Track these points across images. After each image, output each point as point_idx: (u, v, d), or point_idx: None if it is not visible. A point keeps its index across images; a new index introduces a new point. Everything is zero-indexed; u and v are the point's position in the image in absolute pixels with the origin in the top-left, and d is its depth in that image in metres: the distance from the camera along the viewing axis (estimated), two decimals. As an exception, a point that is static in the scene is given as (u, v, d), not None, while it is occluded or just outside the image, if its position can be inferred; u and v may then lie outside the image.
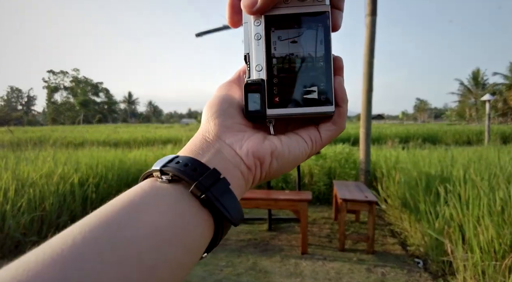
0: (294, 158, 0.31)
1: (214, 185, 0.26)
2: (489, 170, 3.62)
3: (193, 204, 0.25)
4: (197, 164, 0.27)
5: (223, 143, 0.30)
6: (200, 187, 0.25)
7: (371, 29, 4.61)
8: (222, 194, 0.26)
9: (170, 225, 0.23)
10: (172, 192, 0.25)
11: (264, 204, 3.14)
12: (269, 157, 0.30)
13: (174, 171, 0.26)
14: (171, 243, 0.23)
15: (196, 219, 0.25)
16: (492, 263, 2.28)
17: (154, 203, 0.24)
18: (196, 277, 2.61)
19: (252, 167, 0.30)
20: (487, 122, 11.54)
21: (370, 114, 4.78)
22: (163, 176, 0.26)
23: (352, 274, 2.69)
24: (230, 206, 0.26)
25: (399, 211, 3.78)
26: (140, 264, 0.21)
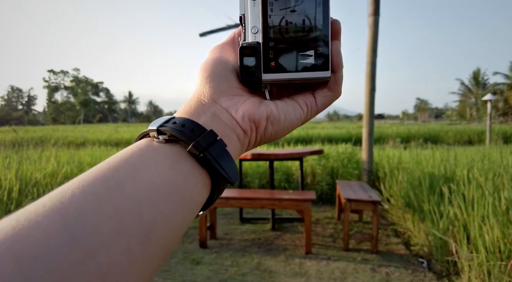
0: (289, 123, 0.32)
1: (211, 146, 0.26)
2: (493, 170, 3.61)
3: (191, 164, 0.25)
4: (194, 125, 0.27)
5: (219, 106, 0.30)
6: (198, 147, 0.25)
7: (374, 29, 4.60)
8: (219, 155, 0.26)
9: (169, 183, 0.23)
10: (170, 152, 0.25)
11: (268, 204, 3.14)
12: (265, 121, 0.30)
13: (171, 131, 0.26)
14: (170, 200, 0.23)
15: (194, 178, 0.25)
16: (497, 263, 2.28)
17: (152, 161, 0.24)
18: (201, 277, 2.61)
19: (247, 131, 0.30)
20: (488, 122, 11.52)
21: (373, 114, 4.78)
22: (160, 136, 0.26)
23: (357, 274, 2.69)
24: (227, 167, 0.27)
25: (402, 211, 3.78)
26: (140, 218, 0.20)
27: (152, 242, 0.21)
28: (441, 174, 3.81)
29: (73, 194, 0.20)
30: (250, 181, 5.20)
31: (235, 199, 3.17)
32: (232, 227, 3.82)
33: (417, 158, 4.87)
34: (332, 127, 25.09)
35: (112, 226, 0.19)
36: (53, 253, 0.16)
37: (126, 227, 0.19)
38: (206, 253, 3.06)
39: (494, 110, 46.02)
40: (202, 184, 0.26)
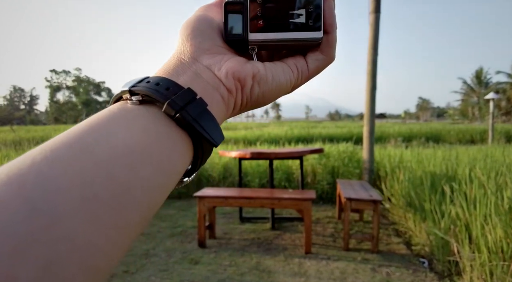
0: (277, 85, 0.29)
1: (189, 105, 0.24)
2: (495, 169, 3.57)
3: (168, 125, 0.23)
4: (170, 83, 0.24)
5: (200, 64, 0.27)
6: (173, 106, 0.23)
7: (375, 27, 4.56)
8: (199, 114, 0.24)
9: (143, 145, 0.21)
10: (144, 113, 0.23)
11: (267, 203, 3.11)
12: (251, 80, 0.28)
13: (144, 90, 0.24)
14: (145, 163, 0.21)
15: (172, 140, 0.23)
16: (500, 263, 2.24)
17: (124, 123, 0.22)
18: (199, 277, 2.58)
19: (232, 89, 0.28)
20: (490, 121, 11.45)
21: (373, 113, 4.74)
22: (133, 97, 0.24)
23: (357, 274, 2.65)
24: (209, 127, 0.24)
25: (404, 210, 3.74)
26: (111, 183, 0.19)
27: (126, 208, 0.19)
28: (443, 173, 3.77)
29: (33, 160, 0.18)
30: (250, 180, 5.17)
31: (235, 198, 3.14)
32: (232, 226, 3.79)
33: (419, 157, 4.83)
34: (333, 126, 25.02)
35: (78, 192, 0.17)
36: (11, 224, 0.15)
37: (94, 192, 0.18)
38: (205, 253, 3.04)
39: (496, 109, 45.82)
40: (182, 147, 0.24)
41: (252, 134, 15.63)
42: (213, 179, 5.34)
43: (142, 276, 2.61)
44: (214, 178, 5.34)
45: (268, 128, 24.14)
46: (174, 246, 3.22)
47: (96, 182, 0.18)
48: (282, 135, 14.35)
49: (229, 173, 5.42)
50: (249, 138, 13.64)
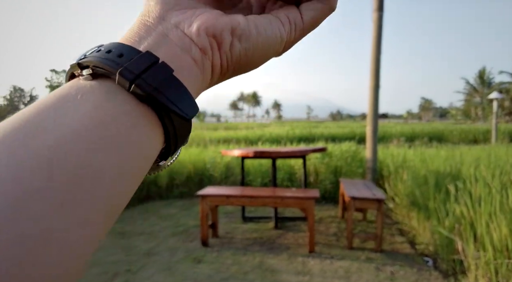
0: (264, 40, 0.24)
1: (147, 71, 0.20)
2: (499, 167, 3.55)
3: (126, 99, 0.19)
4: (124, 49, 0.20)
5: (168, 23, 0.23)
6: (126, 75, 0.19)
7: (378, 25, 4.55)
8: (162, 82, 0.20)
9: (94, 127, 0.18)
10: (96, 89, 0.19)
11: (270, 202, 3.09)
12: (229, 35, 0.23)
13: (93, 60, 0.20)
14: (97, 148, 0.18)
15: (132, 118, 0.19)
16: (505, 262, 2.22)
17: (72, 104, 0.18)
18: (202, 275, 2.57)
19: (207, 49, 0.23)
20: (494, 121, 11.39)
21: (377, 112, 4.72)
22: (83, 71, 0.20)
23: (361, 272, 2.63)
24: (177, 96, 0.20)
25: (407, 209, 3.72)
26: (51, 179, 0.16)
27: (74, 205, 0.16)
28: (447, 172, 3.75)
29: None
30: (252, 179, 5.16)
31: (237, 197, 3.12)
32: (234, 225, 3.78)
33: (422, 156, 4.81)
34: (335, 126, 24.98)
35: (11, 192, 0.15)
36: None
37: (33, 191, 0.15)
38: (207, 252, 3.02)
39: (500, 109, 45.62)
40: (146, 126, 0.20)
41: (254, 134, 15.61)
42: (215, 179, 5.32)
43: (144, 275, 2.60)
44: (216, 177, 5.33)
45: (269, 128, 24.14)
46: (176, 245, 3.21)
47: (34, 180, 0.15)
48: (283, 135, 14.33)
49: (231, 173, 5.41)
50: (251, 138, 13.62)
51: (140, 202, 4.93)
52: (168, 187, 5.23)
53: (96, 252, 2.96)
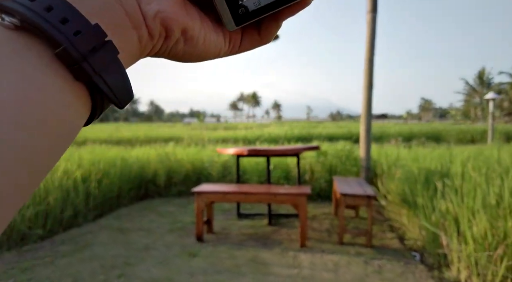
0: (204, 50, 0.25)
1: (94, 53, 0.18)
2: (487, 166, 3.65)
3: (60, 74, 0.17)
4: (70, 13, 0.17)
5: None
6: (72, 52, 0.17)
7: (372, 26, 4.66)
8: (105, 66, 0.18)
9: (20, 99, 0.16)
10: (24, 49, 0.16)
11: (264, 198, 3.20)
12: (178, 33, 0.23)
13: (26, 14, 0.16)
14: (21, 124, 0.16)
15: (65, 97, 0.18)
16: (485, 254, 2.33)
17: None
18: (198, 269, 2.68)
19: (155, 35, 0.22)
20: (490, 121, 11.50)
21: (370, 111, 4.82)
22: (5, 16, 0.17)
23: (350, 266, 2.74)
24: (117, 83, 0.19)
25: (398, 207, 3.82)
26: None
27: None
28: (437, 170, 3.85)
29: None
30: (248, 178, 5.27)
31: (233, 194, 3.23)
32: (230, 222, 3.89)
33: (415, 156, 4.91)
34: (334, 127, 25.07)
35: None
36: None
37: None
38: (202, 247, 3.13)
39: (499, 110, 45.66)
40: (78, 104, 0.19)
41: (252, 134, 15.73)
42: (213, 177, 5.44)
43: (142, 268, 2.71)
44: (214, 176, 5.44)
45: (269, 128, 24.24)
46: (173, 240, 3.32)
47: None
48: (282, 135, 14.43)
49: (228, 171, 5.52)
50: (249, 138, 13.74)
51: (139, 200, 5.05)
52: (166, 186, 5.35)
53: (95, 247, 3.08)
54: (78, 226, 3.74)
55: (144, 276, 2.56)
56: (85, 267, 2.72)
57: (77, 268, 2.69)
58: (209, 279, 2.52)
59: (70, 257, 2.91)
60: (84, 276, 2.56)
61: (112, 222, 3.94)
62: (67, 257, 2.90)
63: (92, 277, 2.55)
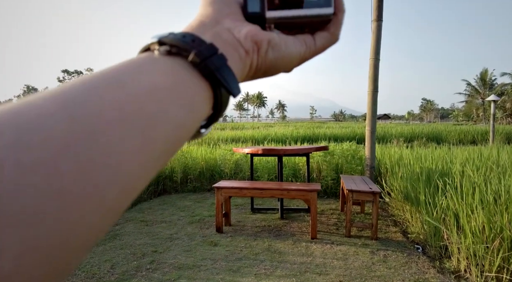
0: (288, 54, 0.32)
1: (212, 56, 0.25)
2: (486, 165, 3.91)
3: (193, 73, 0.25)
4: (194, 37, 0.26)
5: (221, 26, 0.29)
6: (199, 55, 0.24)
7: (377, 34, 4.91)
8: (220, 66, 0.25)
9: (169, 86, 0.22)
10: (171, 61, 0.24)
11: (277, 194, 3.48)
12: (266, 44, 0.30)
13: (172, 40, 0.25)
14: (171, 100, 0.22)
15: (196, 86, 0.24)
16: (482, 246, 2.58)
17: (153, 67, 0.23)
18: (219, 255, 2.96)
19: (249, 50, 0.29)
20: (491, 122, 11.72)
21: (375, 114, 5.09)
22: (161, 47, 0.25)
23: (357, 255, 3.02)
24: (229, 79, 0.26)
25: (402, 203, 4.09)
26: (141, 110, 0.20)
27: (153, 135, 0.20)
28: (438, 169, 4.11)
29: (73, 84, 0.19)
30: (259, 175, 5.56)
31: (248, 189, 3.51)
32: (244, 216, 4.18)
33: (417, 155, 5.17)
34: (338, 127, 25.29)
35: (112, 113, 0.18)
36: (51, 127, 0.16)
37: (126, 115, 0.19)
38: (222, 237, 3.42)
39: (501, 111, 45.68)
40: (204, 94, 0.25)
41: (259, 133, 16.01)
42: (225, 174, 5.73)
43: (169, 255, 3.00)
44: (226, 173, 5.74)
45: (274, 128, 24.51)
46: (194, 231, 3.61)
47: (127, 107, 0.19)
48: (288, 135, 14.69)
49: (239, 169, 5.82)
50: (257, 138, 14.02)
51: (158, 195, 5.37)
52: (183, 182, 5.66)
53: (124, 237, 3.37)
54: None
55: (173, 262, 2.85)
56: (119, 254, 3.01)
57: (112, 255, 2.99)
58: (231, 264, 2.80)
59: (104, 245, 3.21)
60: (120, 262, 2.85)
61: (136, 215, 4.24)
62: (101, 245, 3.19)
63: (126, 262, 2.84)
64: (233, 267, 2.75)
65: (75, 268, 0.17)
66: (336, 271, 2.69)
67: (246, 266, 2.77)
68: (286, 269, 2.71)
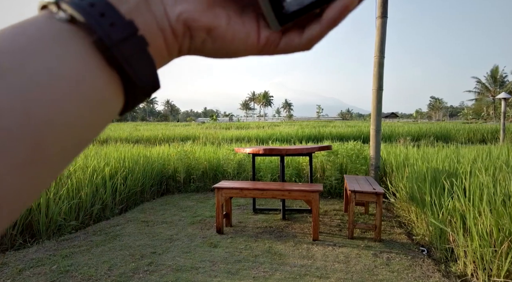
0: (234, 48, 0.25)
1: (126, 41, 0.20)
2: (494, 165, 3.79)
3: (97, 58, 0.20)
4: (108, 9, 0.20)
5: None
6: (105, 40, 0.20)
7: (382, 31, 4.81)
8: (134, 55, 0.21)
9: (69, 76, 0.18)
10: (71, 37, 0.19)
11: (279, 194, 3.42)
12: (203, 33, 0.24)
13: (74, 8, 0.20)
14: (70, 96, 0.18)
15: (103, 77, 0.20)
16: (490, 249, 2.49)
17: (48, 46, 0.18)
18: (218, 258, 2.92)
19: (179, 36, 0.24)
20: (502, 121, 11.47)
21: (380, 112, 4.99)
22: (59, 12, 0.20)
23: (360, 258, 2.94)
24: (144, 71, 0.21)
25: (407, 204, 4.00)
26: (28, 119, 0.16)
27: (47, 146, 0.17)
28: (445, 169, 4.01)
29: None
30: (262, 175, 5.50)
31: (249, 190, 3.46)
32: (246, 216, 4.13)
33: (423, 155, 5.06)
34: (344, 126, 25.09)
35: None
36: None
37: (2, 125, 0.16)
38: (222, 238, 3.37)
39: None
40: (112, 86, 0.21)
41: (264, 133, 15.97)
42: (228, 174, 5.69)
43: (168, 257, 2.96)
44: (229, 173, 5.69)
45: (280, 127, 24.44)
46: (195, 232, 3.58)
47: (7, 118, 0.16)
48: (293, 134, 14.61)
49: (242, 169, 5.77)
50: (262, 137, 13.98)
51: (160, 195, 5.36)
52: (185, 182, 5.64)
53: (124, 237, 3.35)
54: (106, 219, 4.04)
55: (171, 264, 2.81)
56: (117, 255, 2.99)
57: (110, 256, 2.96)
58: (230, 267, 2.75)
59: (103, 246, 3.19)
60: (117, 263, 2.82)
61: (137, 215, 4.22)
62: (100, 246, 3.18)
63: (124, 264, 2.81)
64: (232, 269, 2.71)
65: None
66: (337, 274, 2.63)
67: (245, 269, 2.72)
68: (285, 272, 2.66)
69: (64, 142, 0.18)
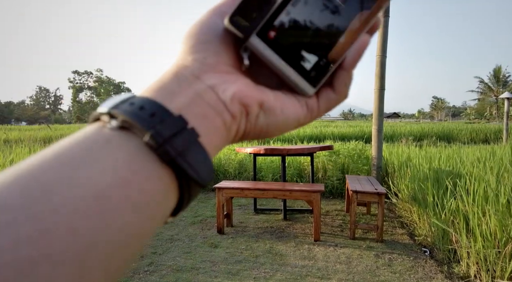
0: (284, 119, 0.26)
1: (176, 136, 0.20)
2: (498, 166, 3.75)
3: (150, 159, 0.20)
4: (156, 108, 0.21)
5: (203, 84, 0.24)
6: (156, 138, 0.20)
7: (384, 30, 4.78)
8: (187, 147, 0.21)
9: (117, 185, 0.18)
10: (122, 143, 0.20)
11: (280, 195, 3.40)
12: (257, 108, 0.25)
13: (124, 115, 0.20)
14: (119, 207, 0.18)
15: (154, 178, 0.20)
16: (494, 250, 2.46)
17: (98, 155, 0.18)
18: (219, 258, 2.90)
19: (236, 116, 0.24)
20: (505, 121, 11.40)
21: (382, 112, 4.96)
22: (112, 121, 0.21)
23: (361, 258, 2.92)
24: (197, 163, 0.21)
25: (409, 205, 3.97)
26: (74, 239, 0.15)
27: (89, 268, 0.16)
28: (448, 170, 3.97)
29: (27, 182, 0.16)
30: (263, 175, 5.48)
31: (250, 190, 3.44)
32: (247, 216, 4.11)
33: (426, 155, 5.03)
34: (346, 125, 25.04)
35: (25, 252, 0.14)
36: None
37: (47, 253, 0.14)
38: (223, 238, 3.35)
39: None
40: (166, 185, 0.21)
41: (265, 133, 15.89)
42: (229, 174, 5.67)
43: (168, 257, 2.94)
44: (230, 173, 5.68)
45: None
46: (195, 232, 3.56)
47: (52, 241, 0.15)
48: (294, 134, 14.59)
49: (244, 169, 5.75)
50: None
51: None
52: (185, 182, 5.62)
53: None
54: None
55: (171, 264, 2.79)
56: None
57: (110, 256, 2.95)
58: (230, 267, 2.73)
59: (103, 245, 3.17)
60: (117, 263, 2.81)
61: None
62: (100, 246, 3.16)
63: (124, 263, 2.80)
64: (233, 270, 2.69)
65: None
66: (338, 275, 2.60)
67: (246, 269, 2.70)
68: (286, 273, 2.63)
69: (109, 262, 0.17)
